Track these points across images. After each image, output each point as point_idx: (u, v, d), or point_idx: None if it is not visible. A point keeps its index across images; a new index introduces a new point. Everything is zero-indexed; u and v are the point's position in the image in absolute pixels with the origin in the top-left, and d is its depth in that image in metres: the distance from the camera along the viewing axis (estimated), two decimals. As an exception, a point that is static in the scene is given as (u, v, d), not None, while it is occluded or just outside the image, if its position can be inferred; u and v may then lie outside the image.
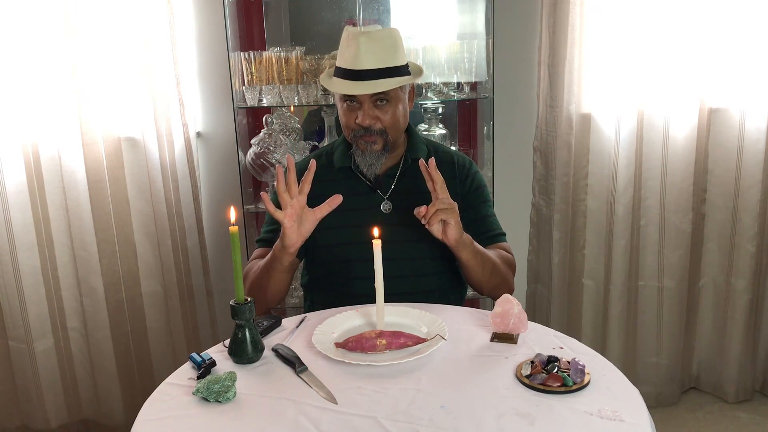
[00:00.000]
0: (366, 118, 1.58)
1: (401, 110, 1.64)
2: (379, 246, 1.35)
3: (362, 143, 1.62)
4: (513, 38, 2.47)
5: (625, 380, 1.19)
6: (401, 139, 1.71)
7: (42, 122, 2.16)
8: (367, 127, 1.59)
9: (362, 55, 1.55)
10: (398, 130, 1.65)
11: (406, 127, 1.70)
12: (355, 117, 1.60)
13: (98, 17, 2.16)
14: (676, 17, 2.24)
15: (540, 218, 2.57)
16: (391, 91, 1.59)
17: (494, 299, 1.68)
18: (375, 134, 1.60)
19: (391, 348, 1.30)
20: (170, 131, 2.33)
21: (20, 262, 2.18)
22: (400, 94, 1.63)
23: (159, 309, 2.43)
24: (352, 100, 1.60)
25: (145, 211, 2.35)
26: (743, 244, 2.40)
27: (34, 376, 2.27)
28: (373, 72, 1.56)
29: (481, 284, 1.63)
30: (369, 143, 1.61)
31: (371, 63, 1.55)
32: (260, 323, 1.43)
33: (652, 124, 2.34)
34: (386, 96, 1.59)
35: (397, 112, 1.62)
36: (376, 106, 1.59)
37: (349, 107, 1.62)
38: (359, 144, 1.63)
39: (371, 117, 1.59)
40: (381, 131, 1.61)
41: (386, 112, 1.60)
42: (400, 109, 1.63)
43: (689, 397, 2.59)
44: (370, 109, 1.59)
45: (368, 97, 1.58)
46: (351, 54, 1.57)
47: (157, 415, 1.15)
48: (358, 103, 1.59)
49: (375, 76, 1.56)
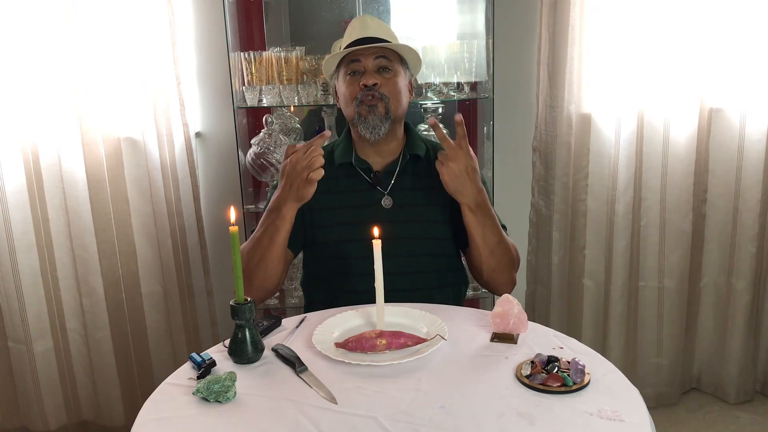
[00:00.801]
0: (370, 78, 1.64)
1: (402, 85, 1.70)
2: (379, 246, 1.35)
3: (365, 109, 1.65)
4: (513, 38, 2.48)
5: (625, 380, 1.19)
6: (401, 125, 1.73)
7: (41, 122, 2.16)
8: (371, 88, 1.63)
9: (368, 27, 1.67)
10: (399, 102, 1.68)
11: (406, 111, 1.73)
12: (359, 81, 1.65)
13: (98, 17, 2.16)
14: (677, 16, 2.24)
15: (539, 218, 2.57)
16: (395, 63, 1.68)
17: (492, 290, 1.69)
18: (377, 97, 1.64)
19: (391, 348, 1.30)
20: (170, 131, 2.33)
21: (19, 263, 2.17)
22: (401, 71, 1.70)
23: (159, 309, 2.42)
24: (355, 72, 1.66)
25: (145, 211, 2.34)
26: (744, 245, 2.39)
27: (34, 378, 2.26)
28: (377, 40, 1.66)
29: (481, 261, 1.63)
30: (372, 107, 1.64)
31: (376, 34, 1.67)
32: (260, 323, 1.43)
33: (653, 124, 2.34)
34: (389, 65, 1.66)
35: (398, 84, 1.68)
36: (379, 73, 1.66)
37: (352, 79, 1.67)
38: (362, 110, 1.65)
39: (375, 78, 1.64)
40: (382, 96, 1.64)
41: (389, 81, 1.66)
42: (401, 84, 1.69)
43: (690, 398, 2.59)
44: (373, 73, 1.65)
45: (372, 62, 1.65)
46: (356, 28, 1.68)
47: (157, 415, 1.15)
48: (362, 71, 1.66)
49: (379, 41, 1.66)
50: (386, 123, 1.65)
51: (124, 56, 2.22)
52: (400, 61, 1.70)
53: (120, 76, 2.23)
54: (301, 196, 1.53)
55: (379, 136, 1.66)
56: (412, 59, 1.74)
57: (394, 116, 1.66)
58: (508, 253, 1.64)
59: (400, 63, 1.70)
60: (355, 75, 1.66)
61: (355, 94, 1.65)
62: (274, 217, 1.56)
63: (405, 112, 1.73)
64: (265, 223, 1.59)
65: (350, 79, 1.67)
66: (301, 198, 1.53)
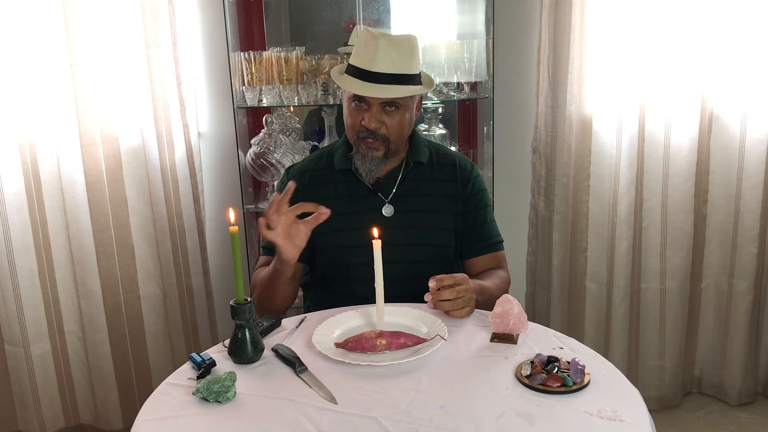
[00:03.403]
0: (372, 121, 1.58)
1: (407, 118, 1.64)
2: (379, 246, 1.35)
3: (363, 147, 1.62)
4: (513, 38, 2.47)
5: (625, 380, 1.19)
6: (403, 145, 1.71)
7: (40, 123, 2.14)
8: (372, 131, 1.59)
9: (380, 57, 1.55)
10: (401, 138, 1.65)
11: (409, 135, 1.70)
12: (362, 119, 1.59)
13: (98, 17, 2.15)
14: (678, 16, 2.23)
15: (539, 219, 2.57)
16: (401, 99, 1.60)
17: None
18: (378, 139, 1.60)
19: (391, 348, 1.30)
20: (170, 132, 2.32)
21: (17, 265, 2.15)
22: (409, 102, 1.63)
23: (157, 312, 2.41)
24: (360, 100, 1.60)
25: (144, 213, 2.33)
26: (745, 246, 2.39)
27: (31, 381, 2.24)
28: (388, 77, 1.56)
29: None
30: (371, 149, 1.61)
31: (387, 67, 1.56)
32: (260, 323, 1.43)
33: (654, 124, 2.33)
34: (396, 102, 1.59)
35: (403, 120, 1.62)
36: (384, 111, 1.59)
37: (356, 107, 1.61)
38: (360, 148, 1.62)
39: (378, 121, 1.59)
40: (384, 138, 1.60)
41: (393, 119, 1.60)
42: (407, 118, 1.63)
43: (691, 400, 2.58)
44: (378, 113, 1.58)
45: (378, 101, 1.58)
46: (368, 55, 1.57)
47: (157, 415, 1.15)
48: (367, 105, 1.59)
49: (389, 81, 1.56)
50: (382, 165, 1.64)
51: (123, 56, 2.21)
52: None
53: (120, 76, 2.22)
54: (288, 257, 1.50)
55: (376, 175, 1.65)
56: (426, 82, 1.67)
57: (393, 153, 1.65)
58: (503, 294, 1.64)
59: (410, 97, 1.64)
60: (360, 103, 1.60)
61: (356, 127, 1.62)
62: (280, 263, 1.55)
63: (408, 135, 1.70)
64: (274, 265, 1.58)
65: (355, 106, 1.61)
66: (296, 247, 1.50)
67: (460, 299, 1.43)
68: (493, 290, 1.60)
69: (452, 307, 1.44)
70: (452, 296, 1.42)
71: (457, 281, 1.43)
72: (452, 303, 1.44)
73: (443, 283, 1.42)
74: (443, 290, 1.43)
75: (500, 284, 1.66)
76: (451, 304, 1.44)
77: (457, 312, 1.45)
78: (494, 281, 1.65)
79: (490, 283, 1.63)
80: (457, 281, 1.43)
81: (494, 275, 1.68)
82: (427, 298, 1.44)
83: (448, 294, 1.42)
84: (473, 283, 1.49)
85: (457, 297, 1.43)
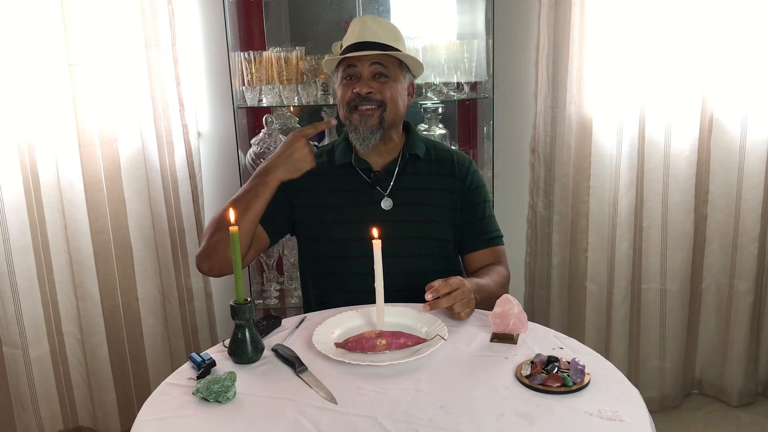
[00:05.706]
0: (364, 86, 1.61)
1: (400, 91, 1.67)
2: (380, 247, 1.35)
3: (357, 117, 1.63)
4: (513, 38, 2.47)
5: (625, 380, 1.19)
6: (398, 127, 1.72)
7: (38, 123, 2.13)
8: (365, 96, 1.61)
9: (367, 30, 1.63)
10: (396, 107, 1.66)
11: (403, 115, 1.72)
12: (354, 88, 1.62)
13: (96, 16, 2.15)
14: (679, 16, 2.23)
15: (537, 220, 2.56)
16: (391, 70, 1.64)
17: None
18: (372, 105, 1.62)
19: (391, 348, 1.30)
20: (170, 132, 2.32)
21: (15, 266, 2.13)
22: (399, 76, 1.66)
23: (156, 313, 2.40)
24: (351, 77, 1.64)
25: (143, 214, 2.33)
26: (746, 246, 2.38)
27: (29, 383, 2.22)
28: (375, 45, 1.62)
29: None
30: (365, 116, 1.62)
31: (373, 37, 1.63)
32: (260, 323, 1.43)
33: (654, 125, 2.33)
34: (386, 72, 1.63)
35: (395, 90, 1.65)
36: (375, 80, 1.63)
37: (347, 83, 1.65)
38: (353, 118, 1.64)
39: (369, 86, 1.62)
40: (380, 102, 1.62)
41: (384, 87, 1.63)
42: (399, 89, 1.66)
43: (692, 400, 2.58)
44: (369, 80, 1.62)
45: (368, 68, 1.62)
46: (356, 31, 1.64)
47: (157, 415, 1.15)
48: (358, 77, 1.63)
49: (376, 48, 1.62)
50: (377, 133, 1.64)
51: (123, 56, 2.21)
52: (399, 65, 1.67)
53: (119, 76, 2.22)
54: (295, 167, 1.53)
55: (369, 147, 1.65)
56: (412, 62, 1.71)
57: (387, 124, 1.65)
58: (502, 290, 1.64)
59: (398, 68, 1.66)
60: (351, 80, 1.64)
61: (347, 99, 1.64)
62: (257, 183, 1.55)
63: (402, 117, 1.71)
64: (246, 187, 1.58)
65: (346, 83, 1.66)
66: (295, 169, 1.53)
67: (460, 302, 1.43)
68: (492, 287, 1.60)
69: (453, 309, 1.44)
70: (450, 303, 1.42)
71: (452, 287, 1.42)
72: (452, 307, 1.43)
73: (439, 293, 1.41)
74: (441, 299, 1.42)
75: (499, 281, 1.65)
76: (452, 308, 1.44)
77: (457, 314, 1.45)
78: (492, 278, 1.64)
79: (488, 280, 1.62)
80: (452, 287, 1.42)
81: (492, 272, 1.67)
82: (425, 309, 1.43)
83: (446, 302, 1.42)
84: (470, 283, 1.49)
85: (454, 302, 1.42)
